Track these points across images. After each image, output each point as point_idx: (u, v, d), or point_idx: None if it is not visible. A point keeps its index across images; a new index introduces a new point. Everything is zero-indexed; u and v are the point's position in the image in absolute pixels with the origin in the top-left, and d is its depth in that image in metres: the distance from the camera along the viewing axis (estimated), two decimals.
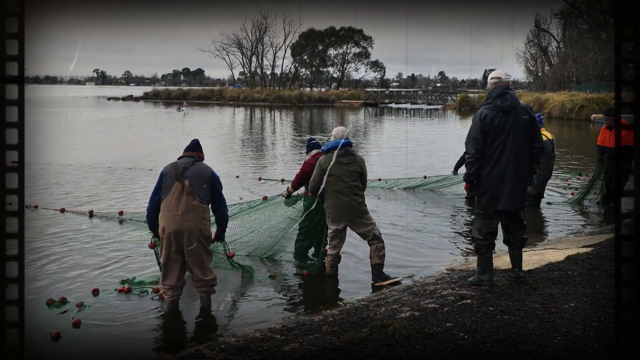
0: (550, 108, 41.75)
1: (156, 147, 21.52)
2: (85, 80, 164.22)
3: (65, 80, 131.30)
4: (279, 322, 5.20)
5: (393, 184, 12.39)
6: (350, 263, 7.18)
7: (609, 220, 9.55)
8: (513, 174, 5.40)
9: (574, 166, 16.45)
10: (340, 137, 6.62)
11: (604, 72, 49.90)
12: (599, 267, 5.97)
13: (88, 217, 9.49)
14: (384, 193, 11.89)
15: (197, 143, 5.90)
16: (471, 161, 5.47)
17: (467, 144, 5.53)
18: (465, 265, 6.90)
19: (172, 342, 5.10)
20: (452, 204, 11.09)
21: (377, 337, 4.34)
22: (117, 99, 73.80)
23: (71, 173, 14.45)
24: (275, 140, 26.97)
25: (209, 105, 65.14)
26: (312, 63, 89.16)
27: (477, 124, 5.45)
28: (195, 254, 5.54)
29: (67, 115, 39.52)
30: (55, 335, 4.96)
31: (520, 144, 5.43)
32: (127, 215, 9.33)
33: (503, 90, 5.48)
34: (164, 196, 5.54)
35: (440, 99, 66.89)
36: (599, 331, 4.25)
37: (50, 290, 6.11)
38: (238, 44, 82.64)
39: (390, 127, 36.33)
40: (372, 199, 11.00)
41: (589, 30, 56.92)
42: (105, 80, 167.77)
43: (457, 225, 9.54)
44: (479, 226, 5.60)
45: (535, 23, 66.17)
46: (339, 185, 6.43)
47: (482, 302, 5.03)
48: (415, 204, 11.10)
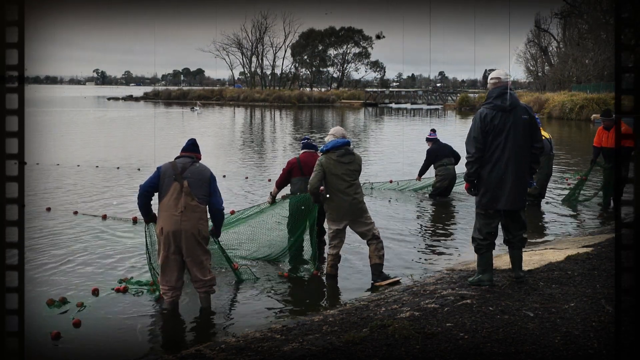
0: (550, 108, 41.77)
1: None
2: (85, 80, 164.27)
3: (65, 80, 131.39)
4: (279, 322, 5.20)
5: (404, 186, 12.30)
6: (350, 263, 7.18)
7: (609, 220, 9.55)
8: (513, 173, 5.40)
9: (573, 166, 16.46)
10: (340, 136, 6.62)
11: (604, 72, 49.88)
12: (599, 267, 5.97)
13: (101, 219, 9.40)
14: (395, 195, 11.86)
15: (194, 143, 5.88)
16: (471, 161, 5.47)
17: (467, 143, 5.53)
18: (465, 265, 6.90)
19: (172, 342, 5.11)
20: (456, 203, 11.09)
21: (377, 337, 4.34)
22: (117, 99, 73.79)
23: (97, 174, 14.47)
24: (289, 141, 26.97)
25: (210, 105, 65.08)
26: (312, 63, 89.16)
27: (477, 123, 5.45)
28: (194, 255, 5.54)
29: (78, 116, 40.39)
30: (55, 335, 4.96)
31: (521, 144, 5.43)
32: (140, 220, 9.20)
33: (503, 90, 5.49)
34: (162, 196, 5.54)
35: (440, 99, 66.89)
36: (599, 331, 4.25)
37: (50, 290, 6.11)
38: (238, 44, 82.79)
39: (391, 127, 36.31)
40: (381, 201, 11.03)
41: (589, 30, 56.91)
42: (105, 80, 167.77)
43: (457, 224, 9.53)
44: (479, 226, 5.60)
45: (535, 23, 66.20)
46: (341, 185, 6.43)
47: (482, 302, 5.03)
48: (425, 205, 11.11)
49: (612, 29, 12.27)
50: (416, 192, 11.96)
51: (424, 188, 11.93)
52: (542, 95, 47.46)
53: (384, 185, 12.53)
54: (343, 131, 6.74)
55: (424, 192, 11.81)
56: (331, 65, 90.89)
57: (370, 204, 9.62)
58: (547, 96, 45.90)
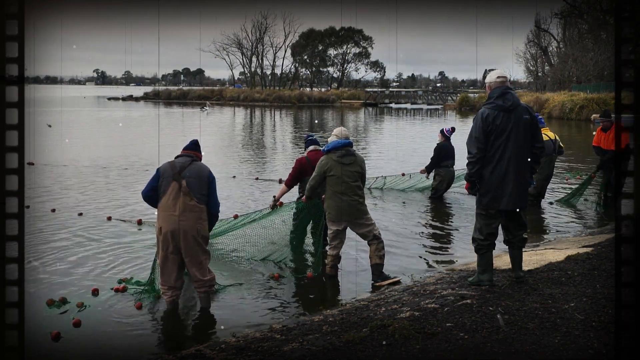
0: (550, 108, 41.75)
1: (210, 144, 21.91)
2: (85, 80, 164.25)
3: (65, 80, 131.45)
4: (279, 322, 5.20)
5: (412, 184, 12.18)
6: (350, 263, 7.17)
7: (609, 220, 9.55)
8: (514, 173, 5.40)
9: (574, 166, 16.46)
10: (343, 136, 6.60)
11: (604, 72, 49.86)
12: (599, 267, 5.97)
13: (106, 220, 9.35)
14: (404, 194, 11.82)
15: (196, 143, 5.88)
16: (473, 161, 5.45)
17: (468, 143, 5.51)
18: (465, 265, 6.90)
19: (172, 342, 5.10)
20: (456, 203, 11.08)
21: (377, 337, 4.34)
22: (117, 99, 73.75)
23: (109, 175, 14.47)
24: (294, 140, 26.97)
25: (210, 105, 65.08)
26: (312, 63, 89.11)
27: (478, 123, 5.43)
28: (193, 254, 5.54)
29: (90, 115, 40.78)
30: (55, 335, 4.96)
31: (521, 144, 5.42)
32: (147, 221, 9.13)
33: (505, 89, 5.48)
34: (161, 196, 5.53)
35: (440, 99, 66.88)
36: (599, 331, 4.25)
37: (50, 290, 6.11)
38: (238, 44, 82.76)
39: (391, 127, 36.32)
40: (393, 202, 11.01)
41: (589, 30, 56.91)
42: (105, 80, 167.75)
43: (458, 224, 9.53)
44: (479, 226, 5.59)
45: (536, 23, 66.16)
46: (341, 186, 6.42)
47: (482, 302, 5.02)
48: (425, 205, 11.11)
49: (612, 29, 12.24)
50: (421, 192, 11.92)
51: (427, 188, 11.89)
52: (542, 95, 47.44)
53: (396, 179, 12.38)
54: (346, 132, 6.71)
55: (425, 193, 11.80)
56: (331, 65, 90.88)
57: (379, 203, 9.69)
58: (547, 96, 45.89)
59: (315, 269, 6.81)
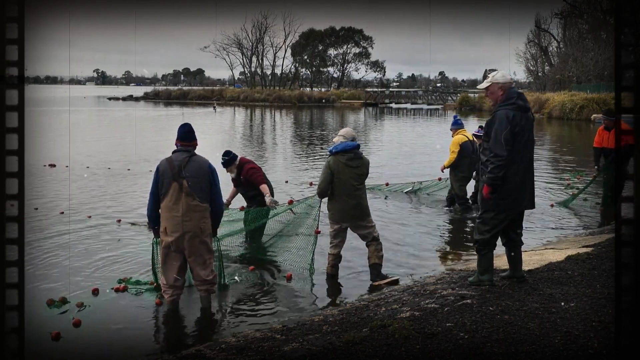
0: (550, 108, 41.76)
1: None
2: (85, 80, 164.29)
3: (65, 80, 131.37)
4: (279, 322, 5.20)
5: (422, 187, 12.01)
6: (350, 263, 7.17)
7: (609, 220, 9.54)
8: (529, 173, 5.40)
9: (574, 166, 16.45)
10: (350, 137, 6.56)
11: (605, 72, 49.85)
12: (599, 267, 5.97)
13: (116, 222, 9.25)
14: (409, 196, 11.78)
15: (190, 130, 5.60)
16: (501, 164, 5.22)
17: (494, 146, 5.24)
18: (465, 265, 6.90)
19: (172, 342, 5.11)
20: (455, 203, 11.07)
21: (377, 337, 4.34)
22: (117, 99, 73.76)
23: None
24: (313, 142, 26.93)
25: (210, 105, 65.07)
26: (312, 63, 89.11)
27: (505, 125, 5.23)
28: (197, 254, 5.53)
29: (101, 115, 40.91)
30: (55, 335, 4.96)
31: (533, 143, 5.47)
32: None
33: (518, 91, 5.49)
34: (163, 197, 5.49)
35: (440, 99, 66.86)
36: (599, 331, 4.25)
37: (50, 290, 6.11)
38: (238, 44, 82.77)
39: (392, 127, 36.32)
40: (402, 203, 10.99)
41: (589, 30, 56.89)
42: (106, 80, 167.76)
43: (458, 224, 9.53)
44: (486, 228, 5.47)
45: (536, 23, 66.21)
46: (347, 189, 6.41)
47: (482, 302, 5.02)
48: (425, 205, 11.11)
49: (612, 29, 12.20)
50: (429, 195, 11.78)
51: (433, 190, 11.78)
52: (542, 95, 47.45)
53: (433, 182, 11.95)
54: (353, 133, 6.66)
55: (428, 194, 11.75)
56: (331, 65, 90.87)
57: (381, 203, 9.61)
58: (547, 96, 45.90)
59: (310, 270, 6.80)
